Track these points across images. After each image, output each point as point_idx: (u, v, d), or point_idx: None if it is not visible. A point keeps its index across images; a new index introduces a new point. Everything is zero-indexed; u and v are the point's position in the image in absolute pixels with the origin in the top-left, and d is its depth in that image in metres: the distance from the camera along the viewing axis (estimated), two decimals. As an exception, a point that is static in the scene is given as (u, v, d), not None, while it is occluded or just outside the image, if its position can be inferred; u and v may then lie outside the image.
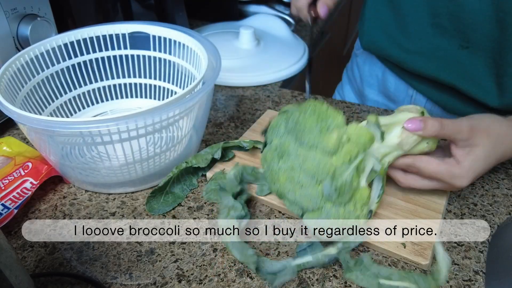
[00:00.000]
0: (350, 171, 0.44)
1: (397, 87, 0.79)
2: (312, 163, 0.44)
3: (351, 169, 0.44)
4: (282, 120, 0.50)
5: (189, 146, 0.60)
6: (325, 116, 0.46)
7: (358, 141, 0.45)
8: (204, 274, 0.47)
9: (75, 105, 0.68)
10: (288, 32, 0.97)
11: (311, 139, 0.45)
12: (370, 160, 0.47)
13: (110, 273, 0.47)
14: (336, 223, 0.45)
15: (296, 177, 0.46)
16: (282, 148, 0.48)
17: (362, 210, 0.46)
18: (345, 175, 0.44)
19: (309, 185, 0.45)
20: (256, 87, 0.82)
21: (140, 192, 0.58)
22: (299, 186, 0.46)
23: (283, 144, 0.48)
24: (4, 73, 0.54)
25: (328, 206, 0.45)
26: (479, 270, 0.47)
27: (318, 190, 0.44)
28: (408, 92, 0.78)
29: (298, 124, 0.46)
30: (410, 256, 0.47)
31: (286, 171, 0.47)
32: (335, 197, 0.44)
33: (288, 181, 0.47)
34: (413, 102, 0.78)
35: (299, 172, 0.45)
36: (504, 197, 0.56)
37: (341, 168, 0.44)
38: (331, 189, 0.44)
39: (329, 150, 0.44)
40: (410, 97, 0.78)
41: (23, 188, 0.54)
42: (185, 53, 0.64)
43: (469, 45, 0.63)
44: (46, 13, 0.69)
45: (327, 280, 0.46)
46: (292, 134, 0.47)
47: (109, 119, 0.46)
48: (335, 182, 0.44)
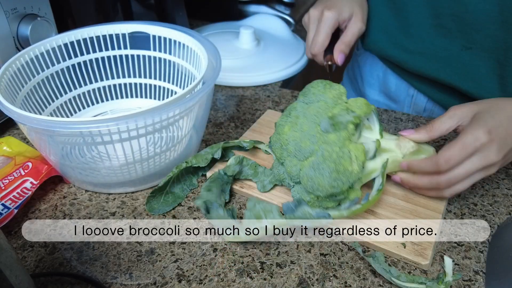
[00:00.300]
0: (346, 116, 0.49)
1: (398, 87, 0.79)
2: (313, 109, 0.51)
3: (348, 116, 0.49)
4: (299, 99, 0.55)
5: (189, 146, 0.60)
6: (331, 84, 0.53)
7: (355, 104, 0.51)
8: (204, 274, 0.47)
9: (75, 105, 0.68)
10: (288, 32, 0.97)
11: (316, 93, 0.52)
12: (367, 142, 0.51)
13: (110, 273, 0.47)
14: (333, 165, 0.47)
15: (299, 123, 0.51)
16: (290, 109, 0.53)
17: (356, 161, 0.48)
18: (342, 118, 0.49)
19: (309, 128, 0.50)
20: (256, 87, 0.82)
21: (140, 192, 0.58)
22: (300, 131, 0.50)
23: (292, 106, 0.54)
24: (4, 73, 0.54)
25: (324, 146, 0.48)
26: (479, 270, 0.47)
27: (316, 130, 0.49)
28: (409, 92, 0.78)
29: (307, 89, 0.54)
30: (410, 256, 0.47)
31: (291, 121, 0.51)
32: (331, 131, 0.48)
33: (291, 130, 0.51)
34: (414, 101, 0.78)
35: (302, 118, 0.51)
36: (504, 197, 0.56)
37: (339, 114, 0.50)
38: (328, 124, 0.49)
39: (330, 101, 0.51)
40: (411, 97, 0.78)
41: (23, 188, 0.54)
42: (185, 53, 0.64)
43: (472, 45, 0.63)
44: (46, 13, 0.69)
45: (327, 280, 0.46)
46: (300, 98, 0.54)
47: (109, 119, 0.46)
48: (332, 120, 0.49)
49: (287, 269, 0.47)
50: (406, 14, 0.69)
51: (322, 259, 0.48)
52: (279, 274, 0.47)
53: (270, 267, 0.48)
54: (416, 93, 0.76)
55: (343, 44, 0.65)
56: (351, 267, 0.48)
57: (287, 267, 0.48)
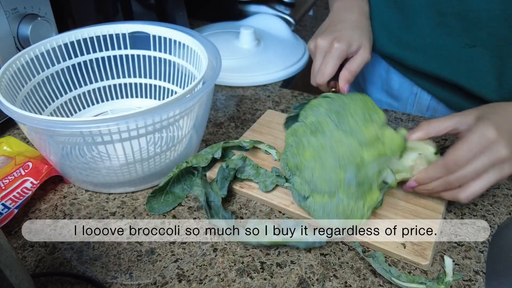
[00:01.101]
0: (376, 168, 0.45)
1: (402, 85, 0.79)
2: (344, 148, 0.45)
3: (377, 168, 0.45)
4: (324, 101, 0.50)
5: (189, 146, 0.60)
6: (372, 108, 0.47)
7: (390, 145, 0.46)
8: (204, 274, 0.47)
9: (76, 105, 0.68)
10: (288, 32, 0.97)
11: (353, 124, 0.46)
12: (387, 170, 0.48)
13: (110, 273, 0.47)
14: (342, 214, 0.46)
15: (322, 156, 0.46)
16: (318, 126, 0.48)
17: (367, 212, 0.47)
18: (370, 171, 0.45)
19: (331, 168, 0.45)
20: (256, 87, 0.82)
21: (140, 192, 0.58)
22: (321, 166, 0.46)
23: (321, 123, 0.48)
24: (5, 73, 0.54)
25: (341, 195, 0.45)
26: (479, 270, 0.47)
27: (339, 176, 0.45)
28: (412, 90, 0.78)
29: (344, 107, 0.47)
30: (410, 256, 0.47)
31: (315, 148, 0.47)
32: (354, 187, 0.44)
33: (313, 158, 0.46)
34: (418, 100, 0.78)
35: (328, 152, 0.46)
36: (504, 197, 0.56)
37: (369, 163, 0.45)
38: (354, 179, 0.44)
39: (365, 142, 0.45)
40: (414, 95, 0.78)
41: (24, 188, 0.54)
42: (185, 53, 0.64)
43: (475, 43, 0.64)
44: (46, 13, 0.69)
45: (327, 280, 0.46)
46: (333, 116, 0.48)
47: (110, 119, 0.46)
48: (360, 173, 0.44)
49: (287, 269, 0.47)
50: (408, 12, 0.69)
51: (322, 259, 0.49)
52: (279, 274, 0.47)
53: (270, 267, 0.48)
54: (420, 91, 0.77)
55: (349, 73, 0.63)
56: (351, 267, 0.48)
57: (287, 267, 0.48)
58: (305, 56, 0.90)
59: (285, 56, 0.88)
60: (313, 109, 0.50)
